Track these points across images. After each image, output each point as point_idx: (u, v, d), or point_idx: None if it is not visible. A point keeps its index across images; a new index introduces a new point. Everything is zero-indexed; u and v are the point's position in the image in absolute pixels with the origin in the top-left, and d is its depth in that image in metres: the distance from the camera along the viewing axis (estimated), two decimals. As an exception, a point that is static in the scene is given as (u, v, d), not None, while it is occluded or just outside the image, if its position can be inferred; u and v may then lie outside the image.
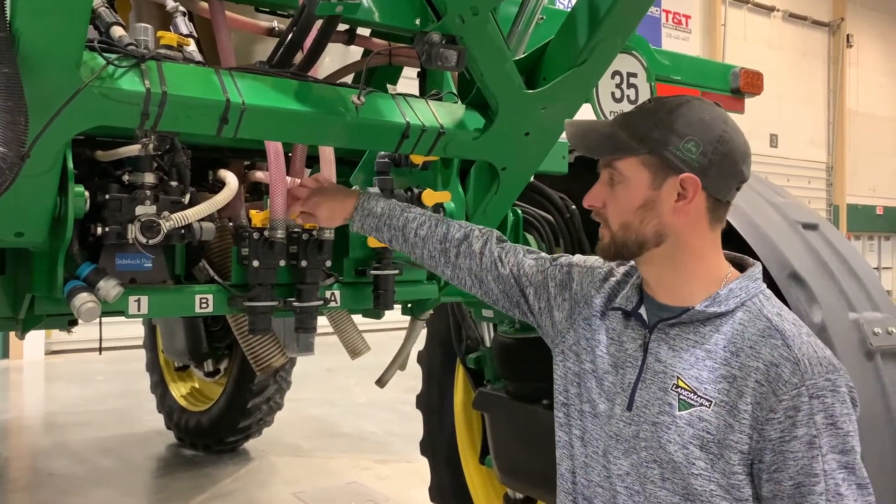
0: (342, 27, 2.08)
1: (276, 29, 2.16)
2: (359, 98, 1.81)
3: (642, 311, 1.48)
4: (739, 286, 1.40)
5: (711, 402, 1.33)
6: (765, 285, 1.44)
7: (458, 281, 1.80)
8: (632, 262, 1.57)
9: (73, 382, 8.77)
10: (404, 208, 1.86)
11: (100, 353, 5.82)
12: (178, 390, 6.04)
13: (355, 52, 2.41)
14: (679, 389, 1.36)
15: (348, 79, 2.27)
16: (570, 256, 1.73)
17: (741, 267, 1.48)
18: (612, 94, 2.65)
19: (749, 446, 1.29)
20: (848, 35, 21.53)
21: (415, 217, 1.83)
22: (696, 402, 1.34)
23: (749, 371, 1.31)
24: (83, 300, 1.77)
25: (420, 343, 3.52)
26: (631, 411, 1.42)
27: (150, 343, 6.18)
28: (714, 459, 1.31)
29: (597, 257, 1.64)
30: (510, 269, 1.72)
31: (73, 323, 2.21)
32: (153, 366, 6.17)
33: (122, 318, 2.02)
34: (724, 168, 1.39)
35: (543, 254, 1.76)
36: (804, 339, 1.34)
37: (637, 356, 1.45)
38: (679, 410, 1.35)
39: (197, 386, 6.05)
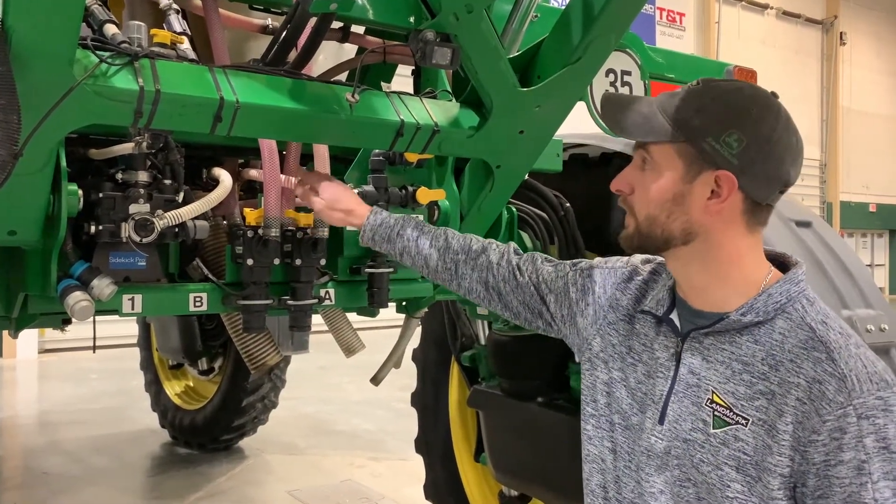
0: (336, 25, 2.08)
1: (270, 26, 2.16)
2: (353, 96, 1.81)
3: (674, 316, 1.37)
4: (779, 290, 1.27)
5: (748, 420, 1.22)
6: (808, 287, 1.31)
7: (475, 294, 1.72)
8: (659, 259, 1.47)
9: (66, 381, 8.75)
10: (419, 222, 1.81)
11: (93, 352, 5.81)
12: (173, 389, 6.03)
13: (350, 50, 2.41)
14: (714, 405, 1.26)
15: (343, 77, 2.27)
16: (591, 260, 1.62)
17: (784, 266, 1.34)
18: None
19: (791, 469, 1.18)
20: (841, 33, 21.62)
21: (430, 230, 1.79)
22: (732, 419, 1.23)
23: (789, 388, 1.19)
24: (77, 299, 1.76)
25: (415, 341, 3.53)
26: (663, 425, 1.32)
27: (145, 341, 6.17)
28: (752, 482, 1.20)
29: (618, 257, 1.57)
30: (528, 276, 1.64)
31: (67, 322, 2.21)
32: (147, 364, 6.16)
33: (116, 317, 2.02)
34: (766, 169, 1.25)
35: (563, 261, 1.67)
36: (852, 351, 1.20)
37: (669, 366, 1.34)
38: (714, 428, 1.25)
39: (191, 384, 6.04)
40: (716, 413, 1.25)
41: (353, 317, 2.72)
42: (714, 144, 1.25)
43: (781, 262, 1.36)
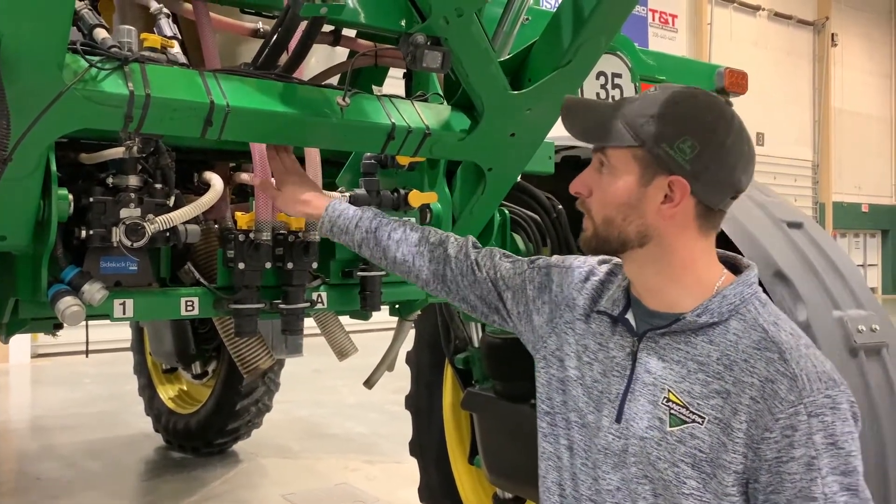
0: (327, 28, 2.08)
1: (261, 30, 2.15)
2: (344, 99, 1.81)
3: (629, 316, 1.40)
4: (733, 292, 1.31)
5: (704, 418, 1.25)
6: (760, 290, 1.35)
7: (431, 287, 1.72)
8: (615, 261, 1.50)
9: (60, 385, 8.71)
10: (377, 213, 1.79)
11: (86, 356, 5.79)
12: (167, 393, 6.01)
13: (341, 54, 2.41)
14: (670, 403, 1.29)
15: (334, 80, 2.27)
16: (548, 258, 1.64)
17: (735, 268, 1.38)
18: (597, 94, 2.66)
19: (744, 466, 1.22)
20: (833, 34, 21.73)
21: (388, 221, 1.77)
22: (689, 418, 1.26)
23: (744, 387, 1.23)
24: (67, 304, 1.76)
25: (408, 344, 3.52)
26: (620, 424, 1.34)
27: (138, 345, 6.15)
28: (706, 479, 1.24)
29: (576, 256, 1.58)
30: (486, 272, 1.64)
31: (59, 326, 2.20)
32: (141, 368, 6.14)
33: (109, 321, 2.01)
34: (718, 175, 1.29)
35: (521, 257, 1.68)
36: (802, 351, 1.25)
37: (625, 365, 1.37)
38: (670, 426, 1.28)
39: (185, 388, 6.02)
40: (672, 411, 1.29)
41: (345, 320, 2.72)
42: (668, 150, 1.28)
43: (733, 265, 1.40)
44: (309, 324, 2.32)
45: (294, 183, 1.87)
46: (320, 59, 2.37)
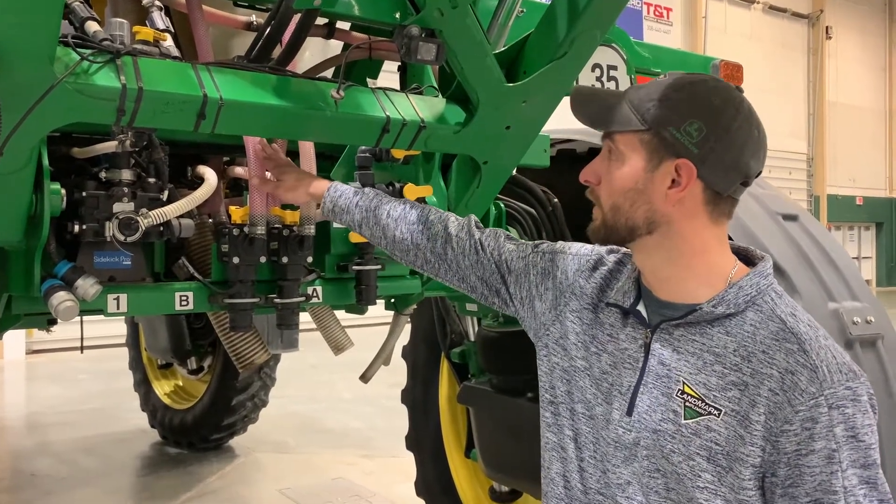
0: (321, 21, 2.07)
1: (255, 23, 2.14)
2: (338, 92, 1.80)
3: (641, 308, 1.37)
4: (749, 283, 1.28)
5: (721, 411, 1.22)
6: (775, 281, 1.33)
7: (430, 268, 1.69)
8: (624, 250, 1.47)
9: (55, 382, 8.70)
10: (378, 193, 1.79)
11: (81, 352, 5.77)
12: (162, 388, 6.00)
13: (335, 46, 2.40)
14: (685, 396, 1.26)
15: (328, 73, 2.26)
16: (553, 243, 1.61)
17: (747, 259, 1.36)
18: (593, 86, 2.65)
19: (762, 459, 1.20)
20: (827, 27, 21.76)
21: (389, 200, 1.76)
22: (705, 410, 1.24)
23: (762, 378, 1.21)
24: (61, 299, 1.75)
25: (404, 338, 3.52)
26: (631, 416, 1.31)
27: (133, 341, 6.14)
28: (722, 472, 1.22)
29: (582, 244, 1.56)
30: (490, 253, 1.62)
31: (53, 322, 2.19)
32: (136, 364, 6.13)
33: (103, 317, 2.00)
34: (725, 159, 1.27)
35: (525, 240, 1.64)
36: (821, 342, 1.23)
37: (637, 357, 1.34)
38: (685, 419, 1.25)
39: (181, 384, 6.02)
40: (687, 404, 1.26)
41: (341, 314, 2.71)
42: (675, 133, 1.27)
43: (745, 256, 1.37)
44: (304, 318, 2.32)
45: (291, 171, 1.91)
46: (314, 52, 2.36)
